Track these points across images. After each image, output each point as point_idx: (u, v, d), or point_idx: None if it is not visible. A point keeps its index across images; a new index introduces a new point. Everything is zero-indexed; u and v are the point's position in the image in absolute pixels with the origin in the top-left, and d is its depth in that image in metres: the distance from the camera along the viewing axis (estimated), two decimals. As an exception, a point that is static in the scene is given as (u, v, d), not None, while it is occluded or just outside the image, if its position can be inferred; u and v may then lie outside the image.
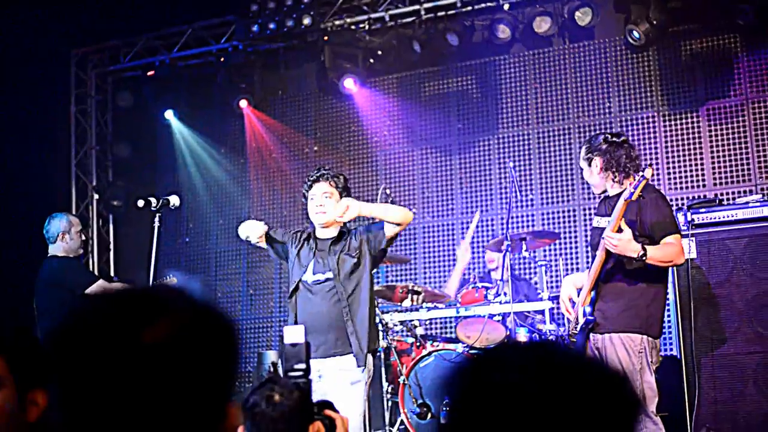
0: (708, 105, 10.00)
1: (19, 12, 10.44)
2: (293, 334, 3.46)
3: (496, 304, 8.04)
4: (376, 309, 6.62)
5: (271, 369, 5.91)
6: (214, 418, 1.56)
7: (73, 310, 1.61)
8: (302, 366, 3.43)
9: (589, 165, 6.08)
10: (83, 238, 7.69)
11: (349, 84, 10.98)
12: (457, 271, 9.61)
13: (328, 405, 3.41)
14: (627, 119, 10.34)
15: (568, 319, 6.28)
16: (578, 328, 5.94)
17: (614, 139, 6.07)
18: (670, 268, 6.01)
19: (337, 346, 6.10)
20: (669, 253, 5.66)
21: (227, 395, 1.60)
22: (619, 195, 5.86)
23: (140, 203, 6.17)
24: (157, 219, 6.12)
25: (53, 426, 2.24)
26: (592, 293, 5.92)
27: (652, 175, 5.56)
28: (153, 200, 6.19)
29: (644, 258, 5.51)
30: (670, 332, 9.17)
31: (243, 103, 11.90)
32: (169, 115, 12.29)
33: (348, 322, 6.12)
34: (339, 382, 6.00)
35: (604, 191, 6.15)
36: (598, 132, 6.35)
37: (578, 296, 6.09)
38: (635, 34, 9.82)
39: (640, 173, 5.52)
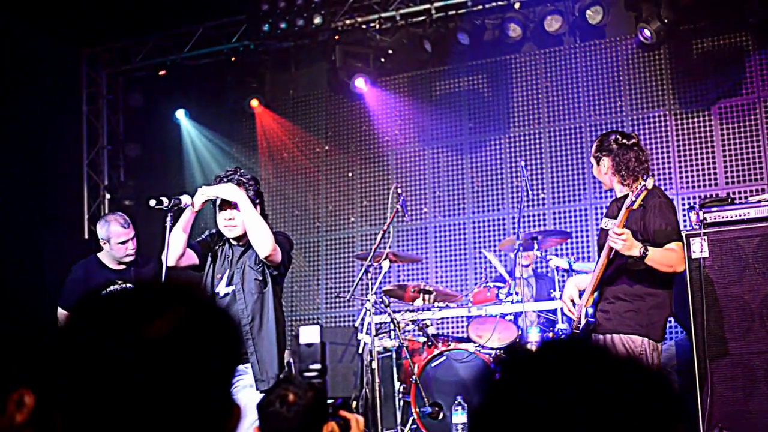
0: (720, 103, 9.98)
1: (30, 12, 10.47)
2: (309, 334, 3.46)
3: (507, 303, 8.03)
4: (284, 330, 5.96)
5: (286, 368, 5.76)
6: (217, 414, 1.57)
7: (77, 308, 1.62)
8: (317, 366, 3.43)
9: (598, 164, 6.07)
10: (131, 247, 7.42)
11: (360, 83, 10.98)
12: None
13: (344, 405, 3.42)
14: (638, 118, 10.33)
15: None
16: (580, 329, 5.94)
17: (624, 140, 6.02)
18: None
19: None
20: (670, 258, 5.65)
21: (230, 392, 1.61)
22: (626, 197, 5.88)
23: (152, 203, 6.12)
24: (168, 218, 6.08)
25: (47, 427, 2.21)
26: (595, 294, 5.92)
27: (654, 184, 5.49)
28: (164, 200, 6.15)
29: (645, 256, 5.51)
30: (682, 331, 9.17)
31: (254, 103, 11.93)
32: (180, 114, 12.32)
33: (248, 342, 5.68)
34: (240, 383, 5.60)
35: (612, 189, 6.15)
36: (610, 131, 6.26)
37: (580, 297, 6.09)
38: (646, 32, 9.80)
39: (642, 183, 5.45)
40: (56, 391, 1.54)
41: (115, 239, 7.35)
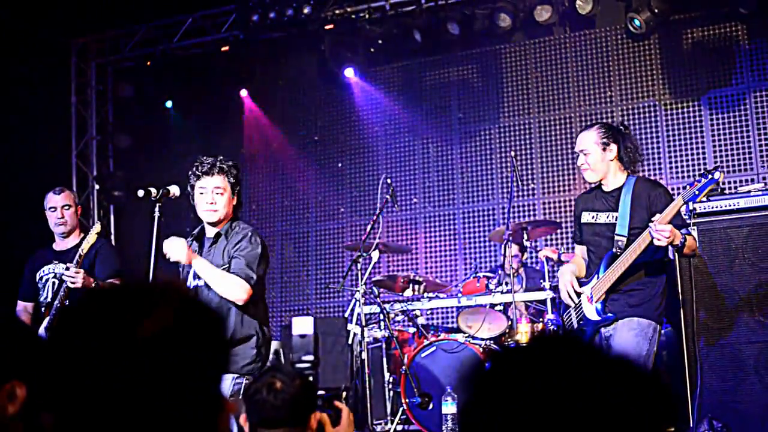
0: (710, 94, 9.99)
1: (19, 2, 10.42)
2: (302, 325, 3.45)
3: (497, 293, 8.03)
4: (261, 327, 5.73)
5: (275, 357, 5.74)
6: (209, 409, 1.57)
7: (67, 307, 1.62)
8: (310, 357, 3.42)
9: (604, 150, 5.91)
10: (59, 216, 7.14)
11: (350, 73, 10.97)
12: None
13: (336, 396, 3.41)
14: (628, 108, 10.33)
15: (565, 305, 6.21)
16: (589, 322, 5.88)
17: (625, 130, 6.05)
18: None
19: None
20: (693, 242, 5.74)
21: (220, 388, 1.62)
22: (618, 189, 5.85)
23: (140, 193, 6.04)
24: (157, 209, 6.01)
25: (39, 420, 2.20)
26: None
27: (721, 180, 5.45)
28: (153, 190, 6.06)
29: (684, 245, 5.53)
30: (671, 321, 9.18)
31: (243, 93, 11.92)
32: (169, 105, 12.30)
33: None
34: None
35: (598, 184, 6.06)
36: (601, 120, 6.24)
37: (580, 286, 6.05)
38: (636, 22, 9.79)
39: (711, 176, 5.40)
40: (47, 387, 1.54)
41: (46, 206, 7.17)
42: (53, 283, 6.87)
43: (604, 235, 5.90)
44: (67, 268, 6.49)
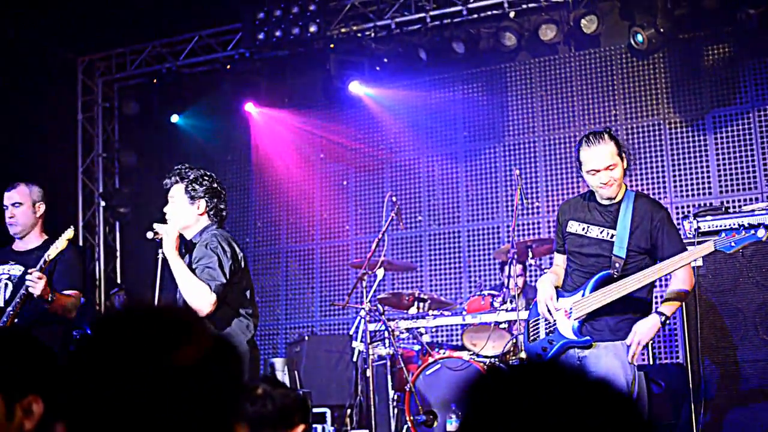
0: (714, 112, 10.01)
1: (26, 20, 10.47)
2: None
3: (502, 311, 8.02)
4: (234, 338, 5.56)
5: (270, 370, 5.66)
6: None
7: (96, 329, 1.62)
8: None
9: (622, 160, 5.40)
10: (9, 216, 6.53)
11: (355, 91, 11.00)
12: None
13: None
14: (633, 127, 10.35)
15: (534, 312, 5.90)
16: (560, 337, 5.59)
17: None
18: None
19: None
20: (690, 279, 5.57)
21: (234, 414, 1.63)
22: (617, 204, 5.47)
23: (149, 235, 5.83)
24: (160, 253, 5.87)
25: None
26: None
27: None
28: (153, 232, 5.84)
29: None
30: (676, 340, 9.18)
31: (249, 110, 11.95)
32: (175, 119, 12.34)
33: None
34: None
35: (591, 194, 5.58)
36: (603, 129, 5.79)
37: (558, 298, 5.73)
38: (639, 37, 9.80)
39: (753, 231, 5.12)
40: (65, 403, 1.55)
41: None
42: (5, 285, 6.33)
43: (594, 251, 5.52)
44: (29, 272, 5.94)
